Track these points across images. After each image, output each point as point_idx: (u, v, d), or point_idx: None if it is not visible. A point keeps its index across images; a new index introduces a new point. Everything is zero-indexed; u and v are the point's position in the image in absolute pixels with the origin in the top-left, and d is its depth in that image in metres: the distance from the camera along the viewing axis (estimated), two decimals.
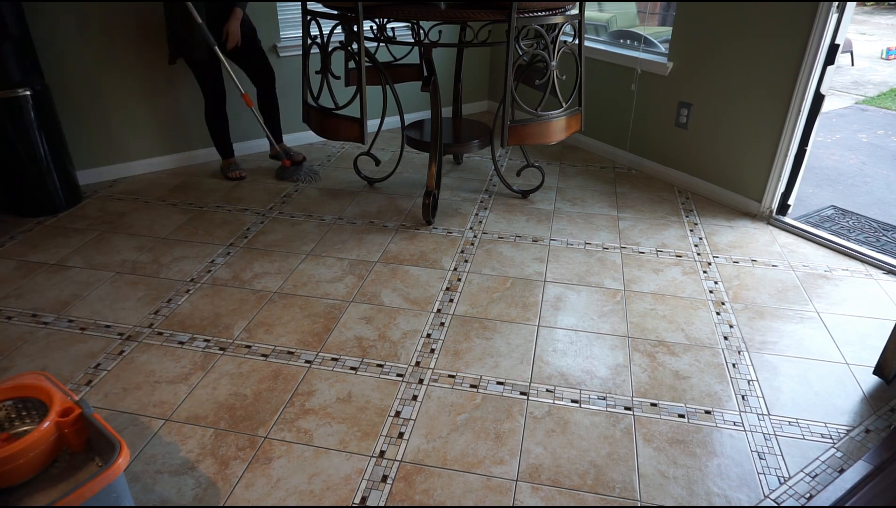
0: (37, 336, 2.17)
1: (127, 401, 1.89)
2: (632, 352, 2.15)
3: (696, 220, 3.11)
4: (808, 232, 2.95)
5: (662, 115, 3.49)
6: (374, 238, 2.88)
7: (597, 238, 2.91)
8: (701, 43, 3.18)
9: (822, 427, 1.84)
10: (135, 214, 3.07)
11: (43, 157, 2.93)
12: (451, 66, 4.41)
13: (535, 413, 1.87)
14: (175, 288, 2.47)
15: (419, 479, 1.64)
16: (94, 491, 1.25)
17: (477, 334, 2.23)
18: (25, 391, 1.45)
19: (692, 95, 3.29)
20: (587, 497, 1.60)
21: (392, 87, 3.09)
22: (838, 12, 2.64)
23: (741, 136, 3.11)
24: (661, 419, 1.86)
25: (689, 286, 2.54)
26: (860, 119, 5.27)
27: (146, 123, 3.49)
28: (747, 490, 1.64)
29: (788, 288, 2.54)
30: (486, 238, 2.89)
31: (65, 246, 2.76)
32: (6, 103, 2.75)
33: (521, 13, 2.56)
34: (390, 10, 2.57)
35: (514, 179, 3.54)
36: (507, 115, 2.72)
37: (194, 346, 2.14)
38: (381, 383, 1.98)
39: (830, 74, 2.79)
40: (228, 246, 2.79)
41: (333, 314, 2.32)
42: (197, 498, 1.58)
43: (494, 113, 4.52)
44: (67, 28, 3.09)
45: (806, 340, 2.23)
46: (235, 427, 1.80)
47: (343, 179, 3.54)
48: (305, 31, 2.83)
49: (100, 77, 3.26)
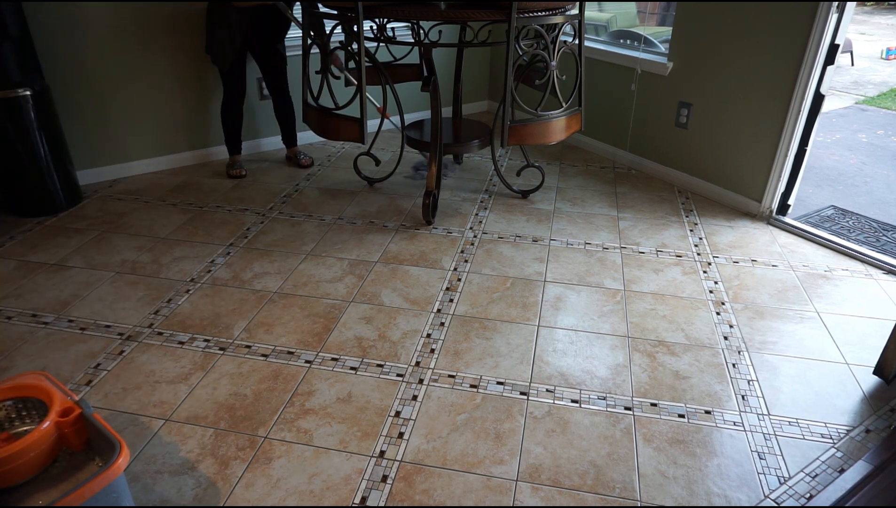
0: (37, 336, 2.17)
1: (127, 401, 1.89)
2: (632, 352, 2.15)
3: (696, 220, 3.11)
4: (808, 232, 2.95)
5: (662, 115, 3.49)
6: (374, 238, 2.88)
7: (597, 238, 2.91)
8: (701, 43, 3.18)
9: (822, 427, 1.84)
10: (135, 214, 3.07)
11: (43, 157, 2.93)
12: (451, 66, 4.41)
13: (535, 413, 1.87)
14: (175, 288, 2.47)
15: (419, 479, 1.64)
16: (94, 491, 1.25)
17: (477, 334, 2.23)
18: (25, 391, 1.45)
19: (692, 95, 3.29)
20: (587, 497, 1.60)
21: (392, 87, 3.10)
22: (838, 12, 2.64)
23: (741, 136, 3.11)
24: (661, 419, 1.86)
25: (689, 286, 2.54)
26: (860, 119, 5.27)
27: (146, 123, 3.49)
28: (747, 490, 1.64)
29: (788, 288, 2.54)
30: (486, 238, 2.89)
31: (65, 246, 2.76)
32: (6, 103, 2.75)
33: (521, 13, 2.56)
34: (390, 10, 2.57)
35: (514, 179, 3.54)
36: (507, 115, 2.72)
37: (194, 346, 2.14)
38: (381, 383, 1.98)
39: (830, 74, 2.79)
40: (228, 246, 2.79)
41: (333, 314, 2.32)
42: (197, 498, 1.58)
43: (494, 113, 4.52)
44: (67, 28, 3.09)
45: (806, 340, 2.23)
46: (235, 427, 1.80)
47: (343, 179, 3.54)
48: (305, 31, 2.83)
49: (100, 77, 3.26)
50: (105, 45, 3.21)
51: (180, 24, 3.37)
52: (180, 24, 3.37)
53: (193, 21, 3.40)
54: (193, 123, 3.64)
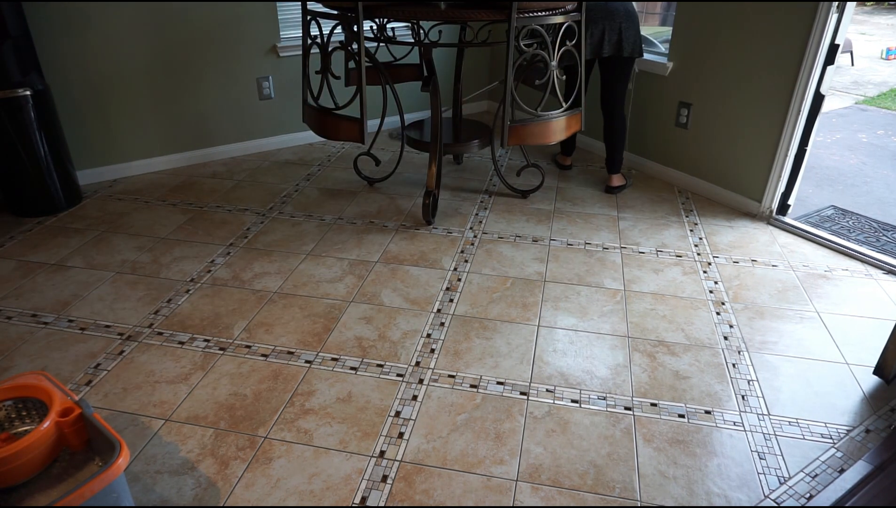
0: (37, 336, 2.17)
1: (127, 401, 1.89)
2: (632, 352, 2.15)
3: (696, 220, 3.11)
4: (808, 232, 2.95)
5: (662, 115, 3.49)
6: (374, 238, 2.88)
7: (597, 238, 2.91)
8: (701, 43, 3.18)
9: (822, 427, 1.84)
10: (135, 214, 3.07)
11: (43, 157, 2.93)
12: (451, 66, 4.41)
13: (535, 413, 1.87)
14: (175, 288, 2.47)
15: (419, 479, 1.64)
16: (94, 491, 1.25)
17: (477, 334, 2.23)
18: (25, 391, 1.45)
19: (692, 95, 3.29)
20: (587, 497, 1.60)
21: (392, 87, 3.10)
22: (838, 12, 2.64)
23: (741, 136, 3.11)
24: (661, 419, 1.86)
25: (689, 286, 2.54)
26: (860, 119, 5.27)
27: (146, 123, 3.49)
28: (747, 490, 1.63)
29: (788, 288, 2.54)
30: (486, 238, 2.89)
31: (65, 246, 2.76)
32: (6, 103, 2.75)
33: (521, 13, 2.56)
34: (390, 10, 2.57)
35: (514, 179, 3.54)
36: (507, 115, 2.72)
37: (194, 346, 2.14)
38: (381, 383, 1.98)
39: (830, 74, 2.79)
40: (228, 246, 2.79)
41: (333, 314, 2.32)
42: (197, 498, 1.58)
43: (494, 113, 4.51)
44: (67, 28, 3.09)
45: (806, 340, 2.23)
46: (235, 427, 1.80)
47: (343, 179, 3.54)
48: (305, 31, 2.83)
49: (100, 77, 3.26)
50: (105, 46, 3.21)
51: (181, 24, 3.37)
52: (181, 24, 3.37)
53: (194, 20, 3.40)
54: (193, 122, 3.64)
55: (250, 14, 3.57)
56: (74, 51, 3.15)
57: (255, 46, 3.66)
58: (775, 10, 2.80)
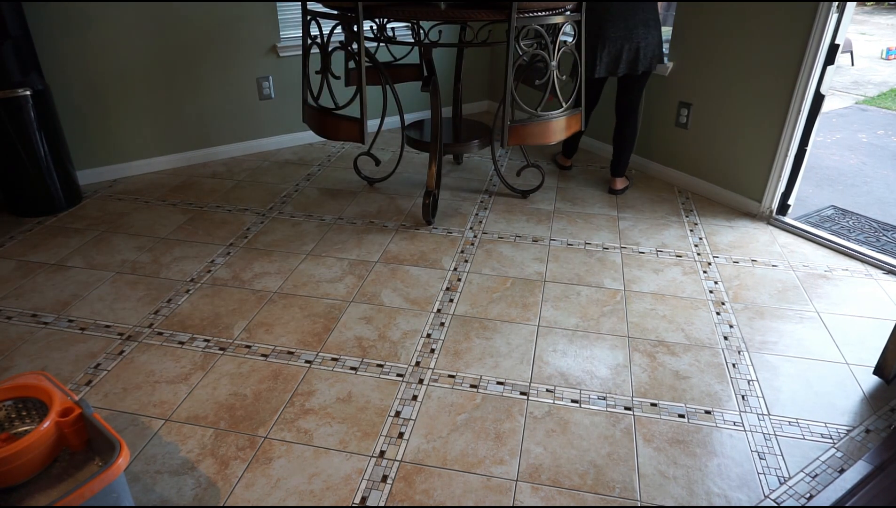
0: (37, 336, 2.17)
1: (127, 401, 1.89)
2: (632, 352, 2.15)
3: (696, 220, 3.11)
4: (808, 232, 2.95)
5: (662, 115, 3.49)
6: (374, 238, 2.88)
7: (597, 238, 2.91)
8: (701, 43, 3.18)
9: (822, 427, 1.84)
10: (135, 214, 3.07)
11: (43, 157, 2.93)
12: (451, 66, 4.41)
13: (535, 413, 1.87)
14: (175, 288, 2.47)
15: (419, 479, 1.64)
16: (94, 491, 1.25)
17: (477, 334, 2.23)
18: (25, 391, 1.45)
19: (692, 94, 3.29)
20: (587, 497, 1.60)
21: (392, 87, 3.10)
22: (838, 12, 2.64)
23: (741, 136, 3.11)
24: (661, 419, 1.86)
25: (689, 286, 2.54)
26: (860, 119, 5.27)
27: (146, 123, 3.49)
28: (747, 490, 1.63)
29: (788, 288, 2.54)
30: (486, 238, 2.89)
31: (65, 246, 2.76)
32: (6, 103, 2.75)
33: (521, 13, 2.56)
34: (390, 10, 2.57)
35: (514, 179, 3.54)
36: (507, 115, 2.72)
37: (194, 346, 2.14)
38: (381, 383, 1.98)
39: (830, 74, 2.79)
40: (228, 246, 2.79)
41: (333, 314, 2.32)
42: (197, 498, 1.58)
43: (494, 113, 4.51)
44: (67, 28, 3.09)
45: (806, 340, 2.23)
46: (235, 427, 1.80)
47: (343, 179, 3.54)
48: (305, 31, 2.83)
49: (100, 77, 3.26)
50: (105, 45, 3.21)
51: (181, 24, 3.37)
52: (181, 24, 3.37)
53: (194, 21, 3.40)
54: (193, 123, 3.64)
55: (250, 14, 3.57)
56: (74, 51, 3.15)
57: (255, 46, 3.66)
58: (775, 10, 2.80)
